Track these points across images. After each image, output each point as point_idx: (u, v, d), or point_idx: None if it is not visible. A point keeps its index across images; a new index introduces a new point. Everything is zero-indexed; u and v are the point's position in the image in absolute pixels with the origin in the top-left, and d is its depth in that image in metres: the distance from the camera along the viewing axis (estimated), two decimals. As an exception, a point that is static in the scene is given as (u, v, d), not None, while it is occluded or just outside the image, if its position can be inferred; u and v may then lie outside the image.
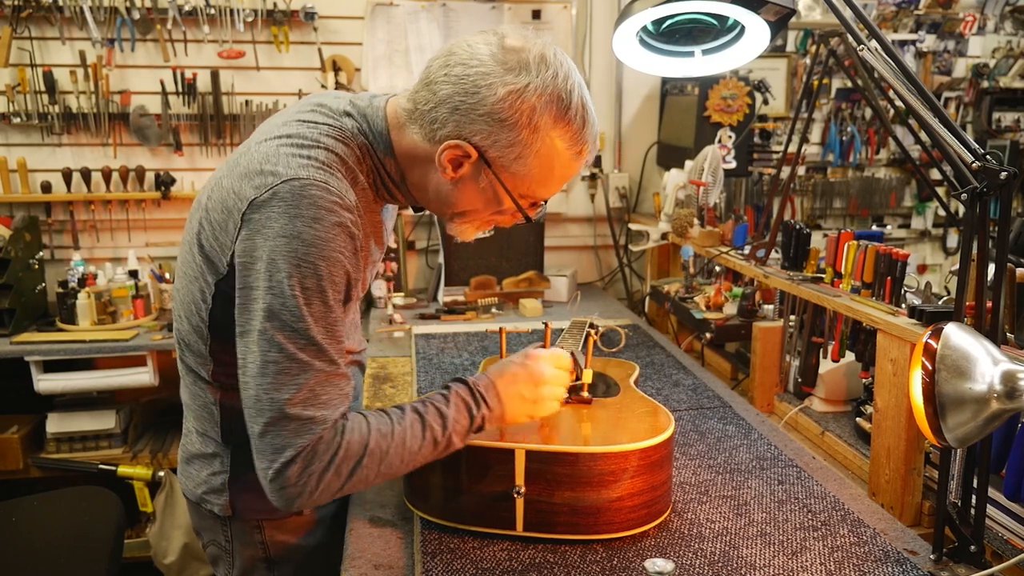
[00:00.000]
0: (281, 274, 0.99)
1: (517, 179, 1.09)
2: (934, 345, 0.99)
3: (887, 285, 1.58)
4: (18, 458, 2.54)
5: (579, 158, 1.12)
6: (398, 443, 1.05)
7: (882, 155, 3.48)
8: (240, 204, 1.03)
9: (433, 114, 1.07)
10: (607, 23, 3.13)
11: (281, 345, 0.99)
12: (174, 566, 2.59)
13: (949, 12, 3.36)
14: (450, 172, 1.09)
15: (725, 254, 2.23)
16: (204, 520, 1.30)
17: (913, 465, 1.43)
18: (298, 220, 0.99)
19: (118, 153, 2.88)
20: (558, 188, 1.15)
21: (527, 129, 1.05)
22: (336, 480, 1.01)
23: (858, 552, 1.17)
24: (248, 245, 1.01)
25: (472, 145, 1.06)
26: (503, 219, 1.19)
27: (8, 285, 2.54)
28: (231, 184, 1.06)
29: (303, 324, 0.99)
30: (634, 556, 1.14)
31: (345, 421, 1.03)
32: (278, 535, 1.28)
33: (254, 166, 1.04)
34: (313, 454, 0.99)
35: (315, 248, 0.99)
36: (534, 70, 1.04)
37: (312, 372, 1.00)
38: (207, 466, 1.25)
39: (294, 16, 2.85)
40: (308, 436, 0.99)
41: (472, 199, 1.13)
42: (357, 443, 1.02)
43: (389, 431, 1.05)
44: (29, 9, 2.70)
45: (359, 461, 1.02)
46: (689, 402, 1.77)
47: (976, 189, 1.06)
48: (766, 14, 1.38)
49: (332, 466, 1.00)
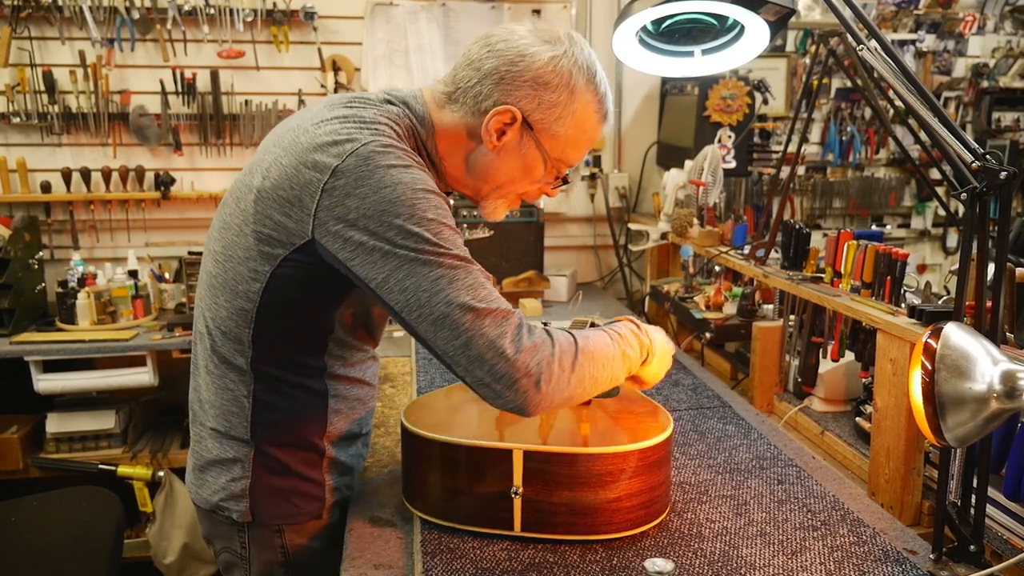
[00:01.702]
0: (400, 219, 1.00)
1: (555, 141, 1.18)
2: (934, 345, 0.99)
3: (887, 285, 1.58)
4: (18, 458, 2.54)
5: (604, 121, 1.21)
6: (595, 345, 1.08)
7: (882, 155, 3.48)
8: (320, 175, 1.03)
9: (478, 88, 1.15)
10: (606, 23, 3.13)
11: (431, 266, 1.00)
12: (174, 566, 2.59)
13: (949, 12, 3.36)
14: (494, 140, 1.16)
15: (725, 254, 2.23)
16: (218, 528, 1.28)
17: (913, 465, 1.43)
18: (392, 170, 1.03)
19: (118, 153, 2.89)
20: (585, 151, 1.24)
21: (566, 91, 1.14)
22: (561, 372, 1.02)
23: (858, 552, 1.17)
24: (341, 211, 1.02)
25: (518, 110, 1.14)
26: (532, 191, 1.26)
27: (8, 285, 2.54)
28: (299, 160, 1.06)
29: (442, 247, 1.01)
30: (634, 556, 1.14)
31: (538, 327, 1.05)
32: (297, 539, 1.27)
33: (324, 139, 1.06)
34: (527, 332, 1.01)
35: (419, 185, 1.03)
36: (566, 42, 1.16)
37: (477, 273, 1.02)
38: (225, 472, 1.24)
39: (294, 16, 2.85)
40: (511, 321, 1.01)
41: (510, 169, 1.20)
42: (565, 338, 1.04)
43: (582, 335, 1.09)
44: (29, 9, 2.70)
45: (575, 356, 1.04)
46: (689, 402, 1.77)
47: (976, 189, 1.06)
48: (766, 14, 1.37)
49: (555, 353, 1.02)
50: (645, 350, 1.20)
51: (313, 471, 1.26)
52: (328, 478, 1.28)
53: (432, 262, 1.01)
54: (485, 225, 2.80)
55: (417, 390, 1.84)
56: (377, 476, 1.44)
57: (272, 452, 1.22)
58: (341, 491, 1.32)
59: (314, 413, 1.23)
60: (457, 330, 1.00)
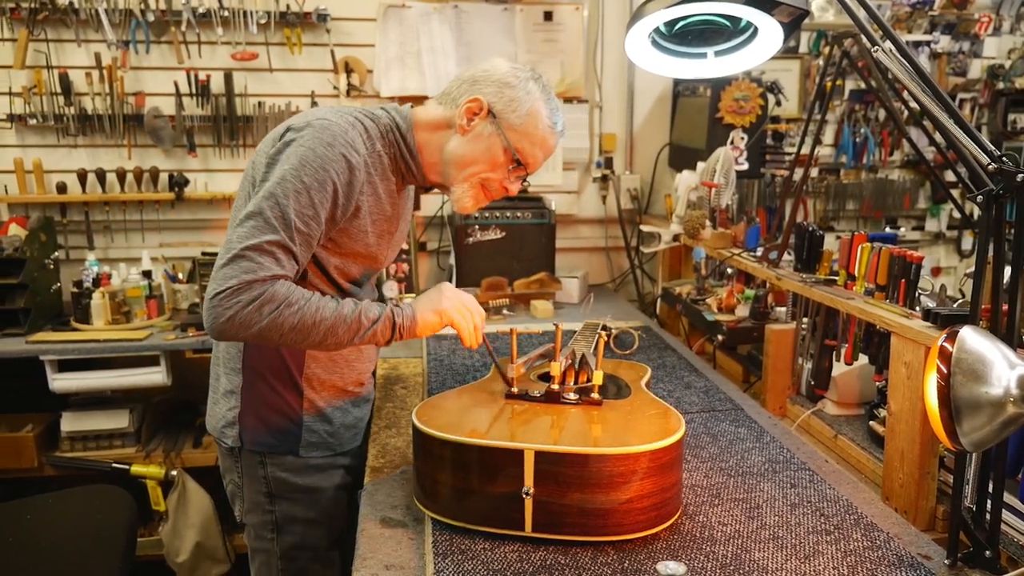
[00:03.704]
0: (289, 169, 1.29)
1: (512, 131, 1.44)
2: (949, 348, 0.98)
3: (901, 287, 1.57)
4: (33, 456, 2.56)
5: (553, 131, 1.48)
6: (312, 307, 1.28)
7: (896, 157, 3.45)
8: (282, 130, 1.37)
9: (459, 91, 1.46)
10: (619, 24, 3.12)
11: (264, 211, 1.26)
12: (186, 565, 2.60)
13: (964, 13, 3.33)
14: (465, 124, 1.43)
15: (737, 256, 2.22)
16: (225, 459, 1.54)
17: (927, 469, 1.42)
18: (316, 140, 1.32)
19: (132, 154, 2.91)
20: (538, 152, 1.47)
21: (523, 90, 1.44)
22: (256, 315, 1.23)
23: (871, 556, 1.16)
24: (278, 153, 1.33)
25: (485, 101, 1.43)
26: (495, 180, 1.47)
27: (24, 285, 2.57)
28: (277, 128, 1.39)
29: (286, 201, 1.27)
30: (645, 558, 1.13)
31: (277, 279, 1.26)
32: (279, 472, 1.49)
33: (299, 116, 1.40)
34: (247, 288, 1.22)
35: (319, 160, 1.30)
36: (527, 68, 1.49)
37: (276, 235, 1.25)
38: (226, 402, 1.49)
39: (307, 18, 2.86)
40: (249, 275, 1.22)
41: (477, 152, 1.44)
42: (280, 293, 1.25)
43: (308, 295, 1.29)
44: (45, 12, 2.73)
45: (277, 307, 1.24)
46: (701, 404, 1.77)
47: (992, 191, 1.05)
48: (779, 15, 1.37)
49: (255, 303, 1.22)
50: (389, 312, 1.37)
51: (291, 409, 1.48)
52: (306, 418, 1.49)
53: (263, 212, 1.26)
54: (497, 227, 2.80)
55: (428, 391, 1.85)
56: (389, 476, 1.45)
57: (257, 385, 1.47)
58: (320, 435, 1.51)
59: (292, 351, 1.46)
60: (226, 254, 1.25)
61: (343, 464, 1.57)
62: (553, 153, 1.55)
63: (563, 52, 3.09)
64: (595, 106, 3.18)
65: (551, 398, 1.36)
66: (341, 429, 1.54)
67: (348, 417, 1.56)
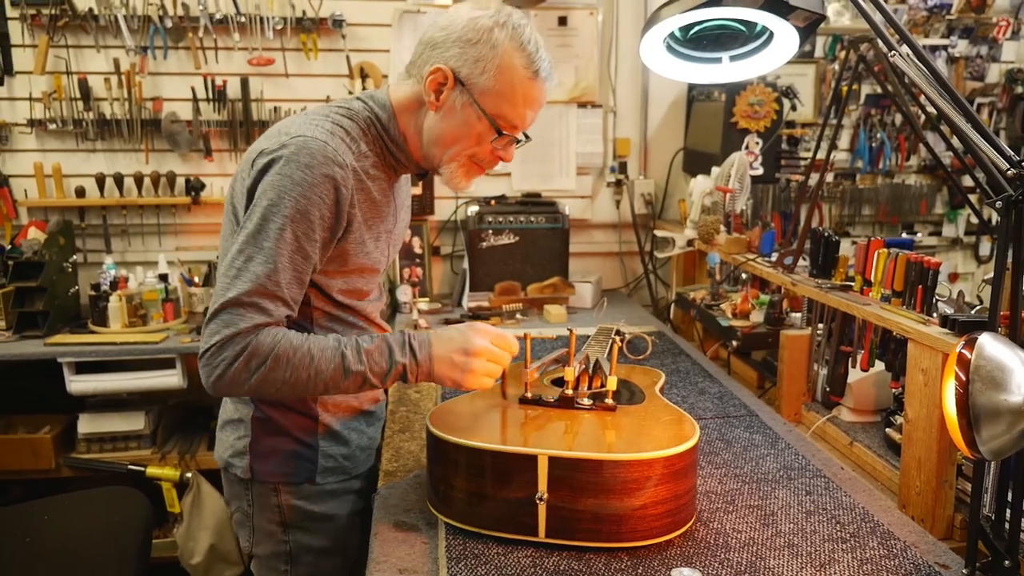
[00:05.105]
0: (268, 205, 1.20)
1: (486, 96, 1.27)
2: (968, 355, 0.97)
3: (918, 294, 1.56)
4: (50, 458, 2.59)
5: (536, 78, 1.29)
6: (305, 357, 1.20)
7: (912, 162, 3.42)
8: (254, 155, 1.25)
9: (422, 58, 1.30)
10: (633, 29, 3.12)
11: (245, 256, 1.19)
12: (200, 567, 2.62)
13: (982, 17, 3.30)
14: (434, 100, 1.29)
15: (752, 261, 2.21)
16: (232, 487, 1.44)
17: (945, 477, 1.40)
18: (293, 165, 1.20)
19: (150, 159, 2.94)
20: (523, 111, 1.30)
21: (487, 45, 1.25)
22: (244, 372, 1.17)
23: (888, 565, 1.15)
24: (253, 183, 1.23)
25: (448, 68, 1.27)
26: (483, 152, 1.33)
27: (43, 288, 2.59)
28: (252, 152, 1.28)
29: (268, 243, 1.19)
30: (659, 565, 1.13)
31: (264, 328, 1.19)
32: (292, 499, 1.40)
33: (274, 132, 1.28)
34: (231, 343, 1.17)
35: (299, 188, 1.20)
36: (493, 8, 1.29)
37: (258, 282, 1.18)
38: (235, 431, 1.41)
39: (323, 24, 2.88)
40: (231, 329, 1.17)
41: (454, 127, 1.30)
42: (266, 345, 1.18)
43: (301, 344, 1.20)
44: (65, 18, 2.76)
45: (264, 361, 1.17)
46: (715, 410, 1.76)
47: (1011, 197, 1.04)
48: (795, 20, 1.37)
49: (241, 358, 1.17)
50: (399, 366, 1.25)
51: (306, 435, 1.40)
52: (322, 443, 1.41)
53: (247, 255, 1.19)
54: (511, 231, 2.81)
55: (442, 395, 1.85)
56: (402, 480, 1.45)
57: (268, 413, 1.38)
58: (336, 459, 1.43)
59: None
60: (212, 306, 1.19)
61: (356, 488, 1.49)
62: (545, 101, 1.34)
63: (577, 57, 3.09)
64: (609, 111, 3.18)
65: (565, 403, 1.36)
66: (357, 451, 1.47)
67: (363, 438, 1.49)
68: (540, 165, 3.14)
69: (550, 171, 3.16)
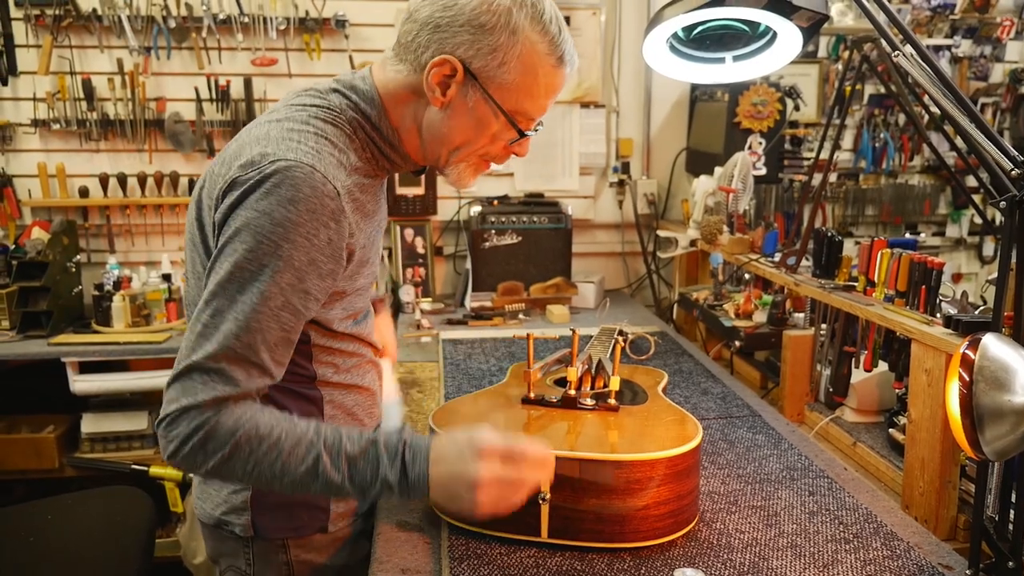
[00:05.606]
0: (244, 251, 0.98)
1: (504, 91, 1.08)
2: (972, 356, 0.97)
3: (922, 294, 1.56)
4: (54, 457, 2.59)
5: (561, 65, 1.11)
6: (271, 450, 0.99)
7: (916, 162, 3.42)
8: (223, 183, 1.02)
9: (417, 40, 1.08)
10: (636, 29, 3.12)
11: (213, 310, 0.98)
12: (203, 567, 2.62)
13: (985, 16, 3.30)
14: (439, 95, 1.09)
15: (755, 261, 2.21)
16: (223, 544, 1.24)
17: (948, 478, 1.40)
18: (273, 198, 0.98)
19: (153, 159, 2.94)
20: (544, 102, 1.13)
21: (506, 31, 1.05)
22: (200, 454, 0.98)
23: (891, 566, 1.15)
24: (223, 217, 1.01)
25: (457, 59, 1.06)
26: (496, 150, 1.16)
27: (46, 288, 2.60)
28: (220, 169, 1.06)
29: (246, 297, 0.98)
30: (662, 566, 1.13)
31: (227, 404, 0.99)
32: (303, 554, 1.22)
33: (244, 148, 1.04)
34: (184, 416, 0.97)
35: (281, 229, 0.98)
36: None
37: (224, 344, 0.97)
38: (226, 484, 1.20)
39: (326, 24, 2.89)
40: (188, 399, 0.97)
41: (464, 126, 1.11)
42: (226, 428, 0.98)
43: (269, 433, 0.99)
44: (69, 19, 2.77)
45: (222, 447, 0.97)
46: (718, 411, 1.76)
47: (1015, 197, 1.04)
48: (798, 20, 1.36)
49: (195, 438, 0.97)
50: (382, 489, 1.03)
51: None
52: None
53: (215, 309, 0.99)
54: (514, 231, 2.81)
55: (445, 395, 1.85)
56: (405, 480, 1.45)
57: None
58: (346, 501, 1.27)
59: (304, 409, 1.18)
60: (175, 367, 1.00)
61: (362, 529, 1.31)
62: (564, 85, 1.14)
63: (581, 57, 3.06)
64: (612, 111, 3.18)
65: (567, 403, 1.36)
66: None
67: None
68: (543, 165, 3.14)
69: (553, 171, 3.16)
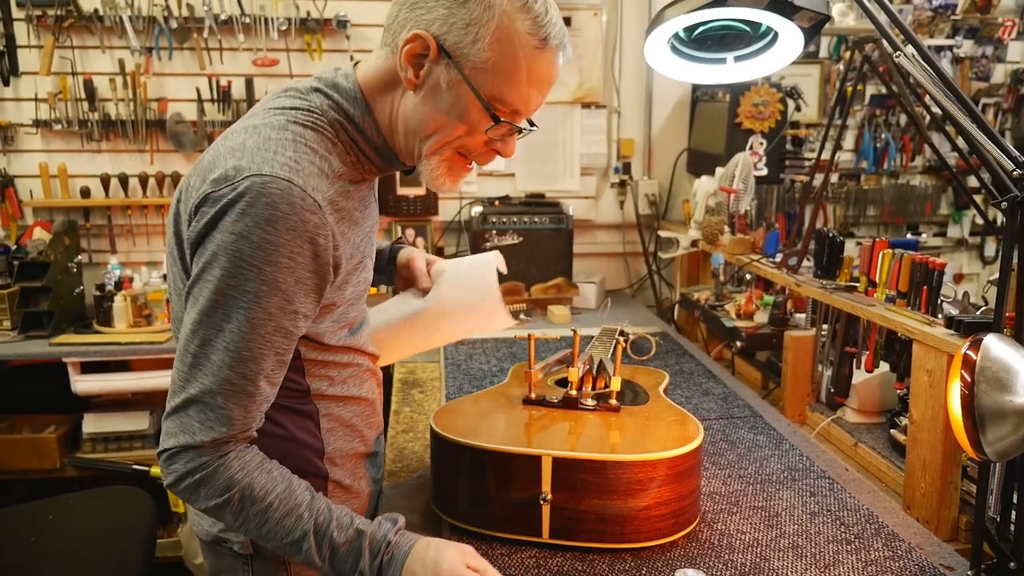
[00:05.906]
0: (224, 277, 0.94)
1: (481, 72, 1.00)
2: (973, 356, 0.97)
3: (923, 295, 1.56)
4: (55, 457, 2.59)
5: (545, 47, 1.02)
6: (259, 515, 0.99)
7: (917, 162, 3.42)
8: (195, 198, 0.97)
9: (398, 20, 1.03)
10: (638, 30, 3.12)
11: (203, 337, 0.95)
12: (203, 567, 2.62)
13: (987, 17, 3.30)
14: (412, 76, 1.02)
15: (756, 262, 2.21)
16: (222, 561, 1.21)
17: (950, 478, 1.40)
18: (249, 219, 0.92)
19: (154, 159, 2.94)
20: (527, 91, 1.04)
21: (481, 4, 0.98)
22: (193, 494, 0.98)
23: (892, 567, 1.14)
24: (198, 237, 0.96)
25: (431, 36, 0.99)
26: (475, 144, 1.07)
27: (47, 288, 2.60)
28: (195, 181, 1.00)
29: (232, 325, 0.95)
30: (663, 566, 1.13)
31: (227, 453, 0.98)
32: (305, 571, 1.17)
33: (219, 160, 0.98)
34: (182, 455, 0.97)
35: (261, 252, 0.93)
36: None
37: (220, 381, 0.96)
38: None
39: (327, 24, 2.89)
40: (187, 437, 0.96)
41: (437, 111, 1.03)
42: (222, 481, 0.98)
43: (263, 497, 0.99)
44: (71, 19, 2.77)
45: (216, 496, 0.98)
46: (719, 411, 1.76)
47: (1017, 197, 1.04)
48: (799, 20, 1.36)
49: (192, 478, 0.97)
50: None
51: None
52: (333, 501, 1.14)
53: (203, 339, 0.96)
54: (515, 232, 2.81)
55: (446, 395, 1.85)
56: (406, 481, 1.45)
57: None
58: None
59: (307, 435, 1.15)
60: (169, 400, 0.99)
61: None
62: (556, 78, 1.07)
63: (582, 57, 3.09)
64: (613, 111, 3.18)
65: (569, 404, 1.36)
66: (365, 499, 1.28)
67: (372, 485, 1.29)
68: (544, 166, 3.14)
69: (554, 172, 3.16)
